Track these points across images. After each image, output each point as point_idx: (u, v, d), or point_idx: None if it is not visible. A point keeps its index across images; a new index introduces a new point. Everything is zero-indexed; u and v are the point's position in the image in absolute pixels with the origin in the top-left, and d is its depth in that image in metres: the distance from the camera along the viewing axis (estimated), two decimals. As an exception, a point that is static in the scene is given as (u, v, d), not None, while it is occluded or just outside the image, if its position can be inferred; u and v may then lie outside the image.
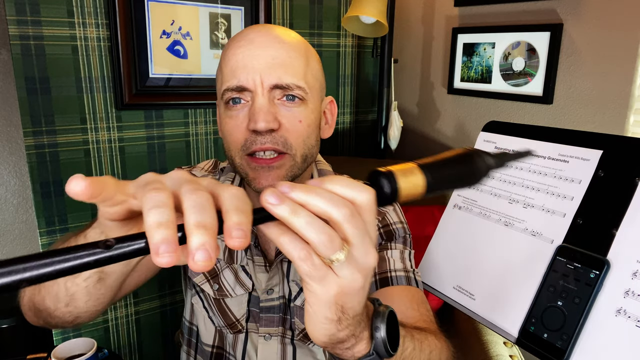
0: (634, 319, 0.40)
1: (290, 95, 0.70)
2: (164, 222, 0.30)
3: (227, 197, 0.33)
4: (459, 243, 0.58)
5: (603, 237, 0.44)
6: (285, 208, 0.34)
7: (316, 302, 0.39)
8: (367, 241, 0.37)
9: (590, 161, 0.48)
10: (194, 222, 0.31)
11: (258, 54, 0.69)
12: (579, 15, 1.41)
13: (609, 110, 1.38)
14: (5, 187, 1.91)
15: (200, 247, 0.30)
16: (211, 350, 0.86)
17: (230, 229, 0.31)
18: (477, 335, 1.21)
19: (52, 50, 1.31)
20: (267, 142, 0.69)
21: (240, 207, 0.32)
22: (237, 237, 0.31)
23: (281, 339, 0.82)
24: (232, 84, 0.69)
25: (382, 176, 0.39)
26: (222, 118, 0.74)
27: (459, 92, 1.76)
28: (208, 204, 0.32)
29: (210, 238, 0.30)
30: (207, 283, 0.84)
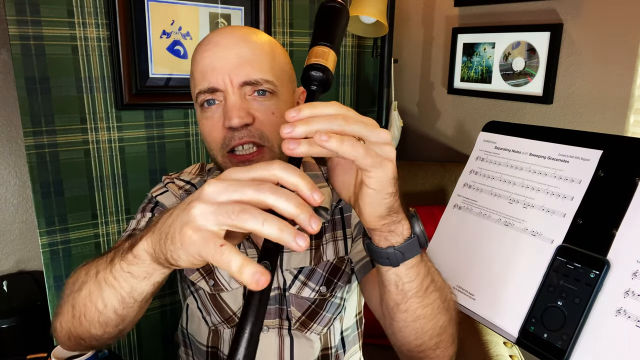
0: (634, 319, 0.40)
1: (260, 90, 0.73)
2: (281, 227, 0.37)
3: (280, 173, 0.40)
4: (459, 243, 0.58)
5: (603, 237, 0.44)
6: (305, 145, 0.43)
7: (379, 184, 0.48)
8: (370, 126, 0.46)
9: (590, 161, 0.48)
10: (293, 207, 0.38)
11: (224, 55, 0.72)
12: (579, 15, 1.41)
13: (609, 110, 1.38)
14: (5, 187, 1.91)
15: (311, 218, 0.38)
16: (207, 349, 0.87)
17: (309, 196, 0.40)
18: (477, 335, 1.22)
19: (52, 50, 1.31)
20: (244, 136, 0.72)
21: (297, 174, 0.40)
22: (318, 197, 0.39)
23: (278, 331, 0.83)
24: (204, 87, 0.72)
25: (312, 69, 0.52)
26: (199, 120, 0.77)
27: (459, 92, 1.76)
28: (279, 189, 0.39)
29: (309, 208, 0.38)
30: (202, 280, 0.85)
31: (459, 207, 0.59)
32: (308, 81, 0.52)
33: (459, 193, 0.60)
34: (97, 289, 0.56)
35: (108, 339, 0.64)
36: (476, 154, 0.60)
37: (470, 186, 0.59)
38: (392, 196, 0.50)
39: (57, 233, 1.39)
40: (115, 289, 0.54)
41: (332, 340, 0.87)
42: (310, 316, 0.83)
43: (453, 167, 1.62)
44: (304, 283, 0.82)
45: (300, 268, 0.82)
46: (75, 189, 1.41)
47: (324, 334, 0.85)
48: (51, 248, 1.39)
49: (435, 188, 1.62)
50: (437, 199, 1.60)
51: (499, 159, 0.57)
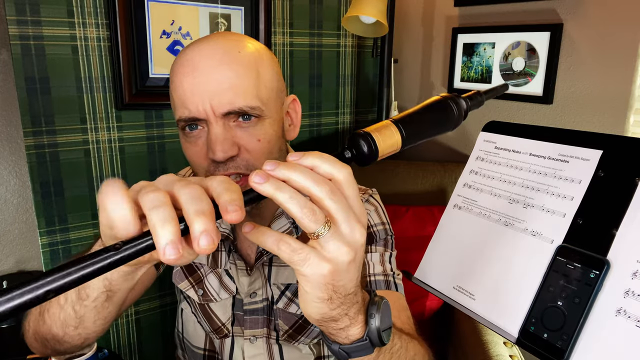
0: (634, 319, 0.40)
1: (245, 115, 0.68)
2: (166, 218, 0.32)
3: (216, 184, 0.35)
4: (459, 243, 0.58)
5: (603, 237, 0.44)
6: (270, 186, 0.36)
7: (307, 284, 0.40)
8: (351, 216, 0.39)
9: (590, 161, 0.48)
10: (193, 211, 0.33)
11: (204, 80, 0.66)
12: (579, 15, 1.41)
13: (609, 110, 1.38)
14: (5, 187, 1.91)
15: (203, 232, 0.32)
16: (203, 353, 0.87)
17: (225, 206, 0.34)
18: (477, 335, 1.21)
19: (52, 50, 1.31)
20: (229, 168, 0.68)
21: (230, 187, 0.35)
22: (233, 211, 0.33)
23: (267, 340, 0.82)
24: (184, 115, 0.68)
25: (361, 138, 0.42)
26: (182, 143, 0.73)
27: (459, 92, 1.75)
28: (202, 194, 0.34)
29: (210, 222, 0.33)
30: (192, 289, 0.84)
31: (459, 207, 0.59)
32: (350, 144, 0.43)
33: (459, 193, 0.60)
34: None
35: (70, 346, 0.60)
36: (476, 154, 0.60)
37: (470, 186, 0.59)
38: (323, 302, 0.41)
39: (57, 233, 1.39)
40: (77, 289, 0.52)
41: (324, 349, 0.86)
42: (298, 330, 0.82)
43: (453, 167, 1.62)
44: (290, 299, 0.81)
45: (287, 284, 0.81)
46: (75, 189, 1.41)
47: (315, 344, 0.85)
48: (51, 248, 1.39)
49: (435, 188, 1.62)
50: (437, 199, 1.60)
51: (499, 159, 0.57)
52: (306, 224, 0.37)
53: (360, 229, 0.39)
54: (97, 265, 0.31)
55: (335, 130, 1.95)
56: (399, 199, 1.62)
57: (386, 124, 0.43)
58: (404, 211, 1.55)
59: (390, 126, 0.43)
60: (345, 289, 0.42)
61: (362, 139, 0.42)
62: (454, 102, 0.47)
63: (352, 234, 0.39)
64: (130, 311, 1.57)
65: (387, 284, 0.77)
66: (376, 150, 0.42)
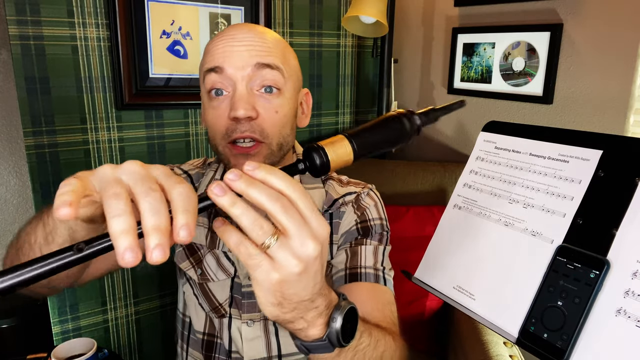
0: (634, 319, 0.40)
1: (268, 87, 0.74)
2: (125, 229, 0.35)
3: (175, 196, 0.38)
4: (459, 243, 0.57)
5: (603, 237, 0.44)
6: (226, 199, 0.39)
7: (258, 287, 0.44)
8: (304, 231, 0.41)
9: (590, 161, 0.48)
10: (150, 226, 0.36)
11: (239, 44, 0.73)
12: (579, 15, 1.41)
13: (609, 110, 1.38)
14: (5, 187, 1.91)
15: (156, 246, 0.35)
16: (202, 337, 0.88)
17: (177, 229, 0.36)
18: (477, 335, 1.21)
19: (52, 50, 1.31)
20: (246, 130, 0.73)
21: (186, 206, 0.37)
22: (183, 237, 0.36)
23: (264, 323, 0.84)
24: (211, 65, 0.73)
25: (314, 151, 0.45)
26: (205, 108, 0.79)
27: (459, 92, 1.76)
28: (161, 205, 0.37)
29: (163, 237, 0.36)
30: (192, 269, 0.87)
31: (459, 207, 0.59)
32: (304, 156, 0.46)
33: (459, 193, 0.60)
34: (35, 223, 0.57)
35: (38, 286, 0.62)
36: (476, 154, 0.60)
37: (470, 186, 0.59)
38: (274, 307, 0.45)
39: (57, 233, 1.39)
40: (44, 226, 0.55)
41: None
42: None
43: (453, 167, 1.62)
44: None
45: None
46: (75, 189, 1.41)
47: None
48: (51, 248, 1.39)
49: (435, 188, 1.62)
50: (437, 199, 1.60)
51: (499, 159, 0.57)
52: (254, 236, 0.40)
53: (313, 244, 0.41)
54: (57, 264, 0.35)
55: (335, 130, 1.95)
56: (399, 199, 1.62)
57: (339, 138, 0.47)
58: (404, 211, 1.55)
59: (343, 140, 0.46)
60: (297, 297, 0.44)
61: (315, 152, 0.45)
62: (407, 118, 0.50)
63: (302, 248, 0.41)
64: (130, 311, 1.58)
65: (376, 277, 0.79)
66: (328, 162, 0.45)
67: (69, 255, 0.36)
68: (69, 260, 0.36)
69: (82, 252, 0.36)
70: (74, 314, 1.48)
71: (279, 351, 0.84)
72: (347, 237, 0.84)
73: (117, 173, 0.39)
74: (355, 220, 0.84)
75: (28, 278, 0.34)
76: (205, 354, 0.88)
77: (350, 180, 0.92)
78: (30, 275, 0.34)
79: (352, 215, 0.85)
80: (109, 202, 0.37)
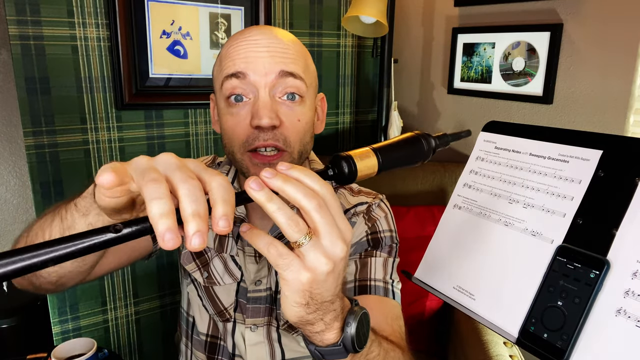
0: (634, 319, 0.40)
1: (290, 94, 0.72)
2: (165, 212, 0.35)
3: (215, 186, 0.38)
4: (459, 243, 0.58)
5: (603, 237, 0.44)
6: (263, 194, 0.40)
7: (287, 287, 0.44)
8: (334, 231, 0.42)
9: (590, 161, 0.48)
10: (190, 212, 0.36)
11: (262, 49, 0.71)
12: (579, 15, 1.41)
13: (609, 110, 1.38)
14: (5, 187, 1.91)
15: (196, 233, 0.35)
16: (205, 339, 0.88)
17: (217, 219, 0.36)
18: (477, 335, 1.22)
19: (52, 50, 1.31)
20: (269, 138, 0.71)
21: (226, 197, 0.37)
22: (223, 227, 0.36)
23: (267, 328, 0.83)
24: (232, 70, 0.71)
25: (343, 159, 0.47)
26: (222, 114, 0.75)
27: (459, 92, 1.76)
28: (200, 193, 0.37)
29: (203, 224, 0.36)
30: (197, 271, 0.86)
31: (459, 207, 0.59)
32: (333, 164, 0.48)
33: (459, 193, 0.60)
34: (51, 218, 0.57)
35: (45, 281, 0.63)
36: (476, 154, 0.60)
37: (470, 186, 0.59)
38: (301, 307, 0.45)
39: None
40: (61, 221, 0.54)
41: None
42: None
43: (453, 167, 1.62)
44: None
45: None
46: (75, 189, 1.40)
47: None
48: (51, 248, 1.39)
49: (435, 188, 1.62)
50: (437, 199, 1.60)
51: (499, 159, 0.57)
52: (289, 233, 0.41)
53: (342, 245, 0.43)
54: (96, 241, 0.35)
55: (336, 130, 1.95)
56: (400, 199, 1.62)
57: (367, 150, 0.49)
58: (405, 211, 1.55)
59: (370, 153, 0.49)
60: (322, 297, 0.45)
61: (345, 161, 0.47)
62: (425, 140, 0.53)
63: (332, 248, 0.42)
64: (130, 311, 1.58)
65: (386, 291, 0.78)
66: (355, 172, 0.47)
67: (106, 234, 0.35)
68: (107, 239, 0.35)
69: (120, 232, 0.36)
70: (74, 314, 1.48)
71: (282, 356, 0.84)
72: (357, 248, 0.83)
73: (153, 162, 0.39)
74: (366, 232, 0.83)
75: (64, 254, 0.34)
76: (208, 355, 0.88)
77: (361, 189, 0.90)
78: (66, 251, 0.34)
79: (363, 226, 0.84)
80: (148, 186, 0.36)
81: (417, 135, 0.53)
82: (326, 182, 0.43)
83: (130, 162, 0.40)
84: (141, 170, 0.38)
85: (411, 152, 0.52)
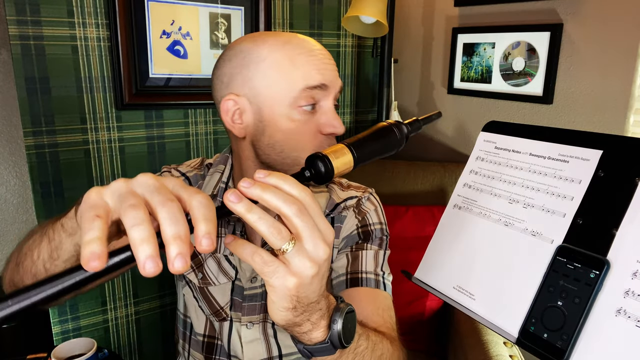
0: (634, 319, 0.40)
1: (336, 105, 0.77)
2: (145, 237, 0.35)
3: (195, 205, 0.38)
4: (459, 243, 0.58)
5: (603, 237, 0.44)
6: (242, 206, 0.40)
7: (274, 293, 0.45)
8: (316, 234, 0.43)
9: (590, 161, 0.48)
10: (171, 235, 0.36)
11: (329, 62, 0.75)
12: (579, 15, 1.41)
13: (609, 110, 1.38)
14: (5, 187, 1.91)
15: (177, 255, 0.35)
16: (202, 339, 0.89)
17: (200, 238, 0.36)
18: (477, 335, 1.22)
19: (52, 50, 1.31)
20: (331, 144, 0.75)
21: (207, 215, 0.38)
22: (207, 245, 0.36)
23: (263, 325, 0.84)
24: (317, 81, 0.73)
25: (318, 159, 0.48)
26: (292, 120, 0.74)
27: (459, 92, 1.76)
28: (180, 214, 0.37)
29: (185, 246, 0.36)
30: (192, 273, 0.87)
31: (459, 207, 0.59)
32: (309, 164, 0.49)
33: (459, 193, 0.60)
34: (39, 238, 0.57)
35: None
36: (476, 154, 0.60)
37: (470, 186, 0.59)
38: (288, 311, 0.46)
39: (57, 233, 1.39)
40: (49, 241, 0.54)
41: None
42: None
43: (453, 167, 1.62)
44: None
45: None
46: (75, 189, 1.41)
47: None
48: (51, 248, 1.39)
49: (435, 188, 1.62)
50: (437, 199, 1.60)
51: (499, 159, 0.57)
52: (272, 241, 0.41)
53: (324, 247, 0.43)
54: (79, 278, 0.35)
55: (335, 130, 1.95)
56: (399, 199, 1.62)
57: (341, 147, 0.50)
58: (404, 211, 1.55)
59: (344, 149, 0.49)
60: (308, 299, 0.46)
61: (320, 160, 0.48)
62: (397, 128, 0.54)
63: (316, 251, 0.43)
64: (130, 311, 1.57)
65: (377, 283, 0.80)
66: (332, 170, 0.48)
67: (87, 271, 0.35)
68: (90, 275, 0.35)
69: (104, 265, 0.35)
70: (74, 314, 1.48)
71: (279, 352, 0.85)
72: (347, 241, 0.84)
73: (131, 185, 0.39)
74: (356, 225, 0.85)
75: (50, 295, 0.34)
76: (205, 355, 0.88)
77: (350, 183, 0.92)
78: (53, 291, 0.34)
79: (353, 220, 0.86)
80: (127, 213, 0.36)
81: (389, 125, 0.54)
82: (303, 186, 0.44)
83: (110, 186, 0.40)
84: (119, 195, 0.38)
85: (385, 142, 0.54)
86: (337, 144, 0.50)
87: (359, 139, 0.52)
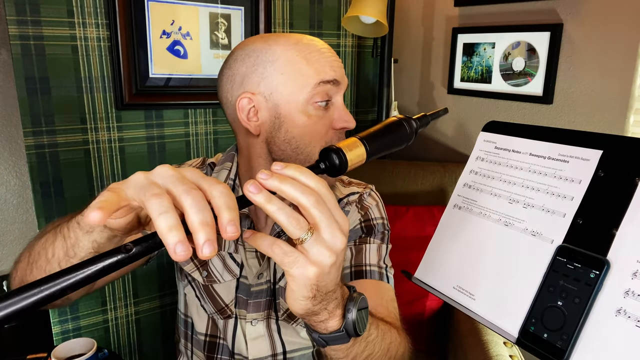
0: (634, 319, 0.40)
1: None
2: (173, 225, 0.36)
3: (217, 194, 0.39)
4: (459, 243, 0.58)
5: (603, 237, 0.44)
6: (262, 196, 0.41)
7: (294, 283, 0.46)
8: (333, 224, 0.44)
9: (590, 161, 0.48)
10: (198, 221, 0.36)
11: (337, 59, 0.78)
12: (579, 15, 1.41)
13: (609, 110, 1.38)
14: (5, 187, 1.91)
15: (206, 241, 0.36)
16: (204, 339, 0.89)
17: (224, 225, 0.37)
18: (477, 335, 1.22)
19: (52, 50, 1.31)
20: (342, 138, 0.79)
21: (229, 203, 0.38)
22: (232, 232, 0.37)
23: (267, 322, 0.85)
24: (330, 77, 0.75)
25: (333, 152, 0.49)
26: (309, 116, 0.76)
27: (459, 92, 1.76)
28: (204, 202, 0.38)
29: (212, 232, 0.36)
30: (196, 271, 0.87)
31: (459, 207, 0.59)
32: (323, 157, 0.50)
33: (459, 193, 0.60)
34: (53, 237, 0.57)
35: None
36: (476, 154, 0.60)
37: (470, 186, 0.59)
38: (308, 300, 0.47)
39: (57, 233, 1.39)
40: (64, 239, 0.54)
41: None
42: None
43: (453, 167, 1.62)
44: None
45: None
46: (75, 189, 1.41)
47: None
48: (51, 248, 1.39)
49: (435, 188, 1.62)
50: (437, 199, 1.60)
51: (499, 159, 0.57)
52: (291, 231, 0.42)
53: (341, 236, 0.44)
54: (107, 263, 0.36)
55: (335, 130, 1.95)
56: (399, 199, 1.62)
57: (354, 140, 0.51)
58: (404, 211, 1.55)
59: (358, 142, 0.51)
60: (326, 288, 0.48)
61: (334, 153, 0.49)
62: (407, 123, 0.56)
63: (333, 240, 0.44)
64: (130, 311, 1.58)
65: (380, 275, 0.82)
66: (346, 162, 0.49)
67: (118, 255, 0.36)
68: (119, 259, 0.36)
69: (130, 252, 0.37)
70: (74, 314, 1.48)
71: (283, 348, 0.85)
72: (351, 235, 0.86)
73: (151, 177, 0.40)
74: (359, 220, 0.87)
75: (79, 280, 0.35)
76: (207, 354, 0.88)
77: (351, 180, 0.94)
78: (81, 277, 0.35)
79: (356, 215, 0.88)
80: (152, 202, 0.37)
81: (399, 120, 0.56)
82: (319, 177, 0.45)
83: (128, 181, 0.41)
84: (141, 187, 0.39)
85: (395, 136, 0.55)
86: (350, 138, 0.51)
87: (370, 133, 0.53)
